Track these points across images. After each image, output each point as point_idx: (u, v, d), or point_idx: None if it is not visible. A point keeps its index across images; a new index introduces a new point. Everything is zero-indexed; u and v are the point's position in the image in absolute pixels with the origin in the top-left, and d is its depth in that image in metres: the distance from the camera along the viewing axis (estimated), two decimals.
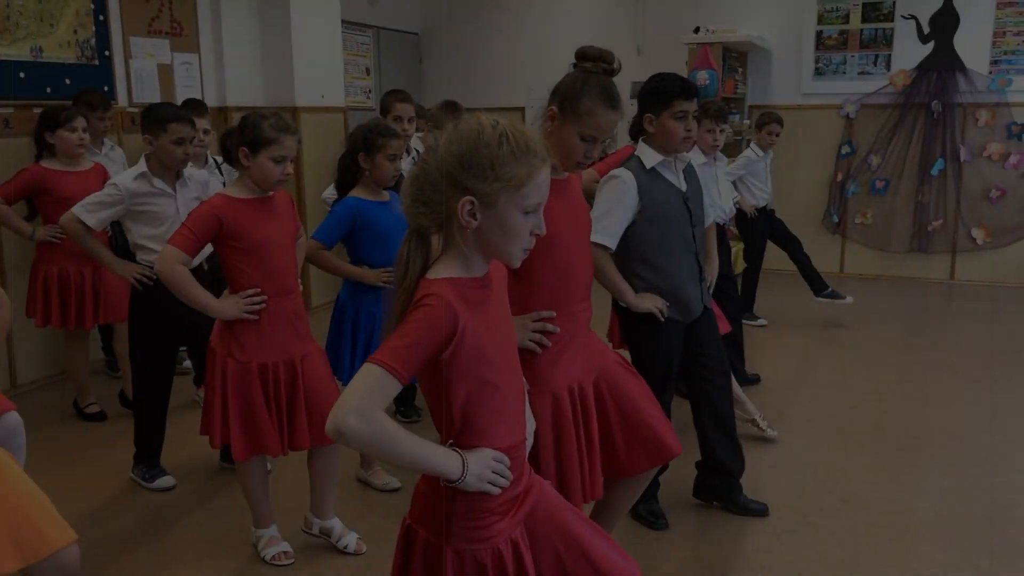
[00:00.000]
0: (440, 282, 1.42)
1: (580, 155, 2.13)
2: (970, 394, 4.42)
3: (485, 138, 1.41)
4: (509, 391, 1.52)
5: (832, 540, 2.94)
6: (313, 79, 6.20)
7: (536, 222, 1.47)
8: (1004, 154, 6.93)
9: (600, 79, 2.12)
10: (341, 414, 1.33)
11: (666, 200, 2.76)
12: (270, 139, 2.57)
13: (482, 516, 1.49)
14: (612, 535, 2.40)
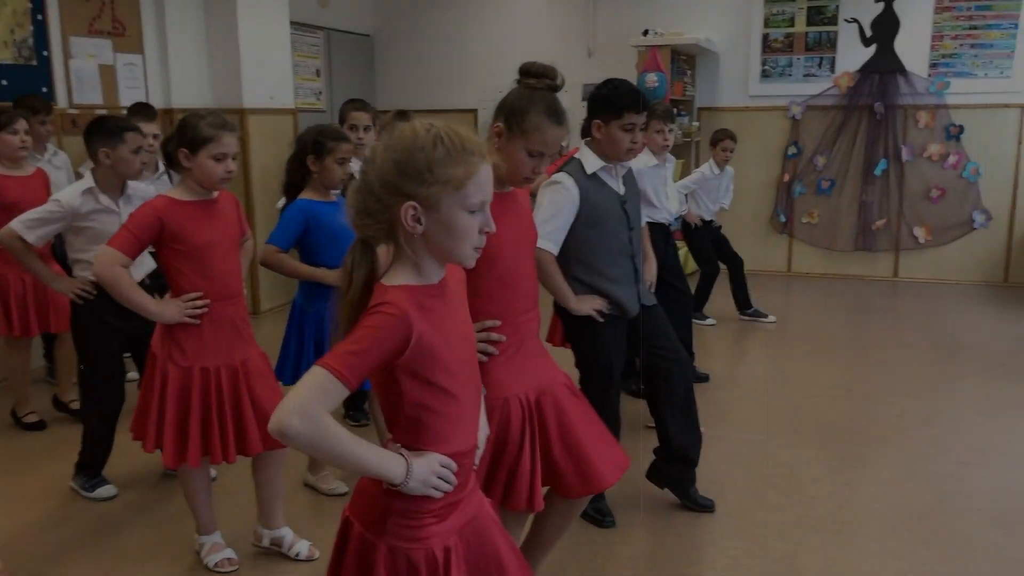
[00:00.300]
0: (395, 289, 1.42)
1: (528, 171, 2.14)
2: (913, 389, 4.53)
3: (420, 142, 1.41)
4: (464, 397, 1.52)
5: (776, 534, 2.99)
6: (261, 81, 6.13)
7: (484, 220, 1.47)
8: (943, 154, 7.12)
9: (545, 95, 2.14)
10: (285, 414, 1.32)
11: (605, 205, 2.80)
12: (208, 137, 2.53)
13: (420, 516, 1.48)
14: (547, 555, 2.42)
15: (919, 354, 5.17)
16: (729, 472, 3.51)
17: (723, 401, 4.36)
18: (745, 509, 3.18)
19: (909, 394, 4.44)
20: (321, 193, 3.12)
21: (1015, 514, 3.11)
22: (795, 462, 3.60)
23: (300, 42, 7.54)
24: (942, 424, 4.01)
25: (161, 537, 3.03)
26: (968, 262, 7.24)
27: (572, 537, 2.98)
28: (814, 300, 6.72)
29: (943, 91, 7.01)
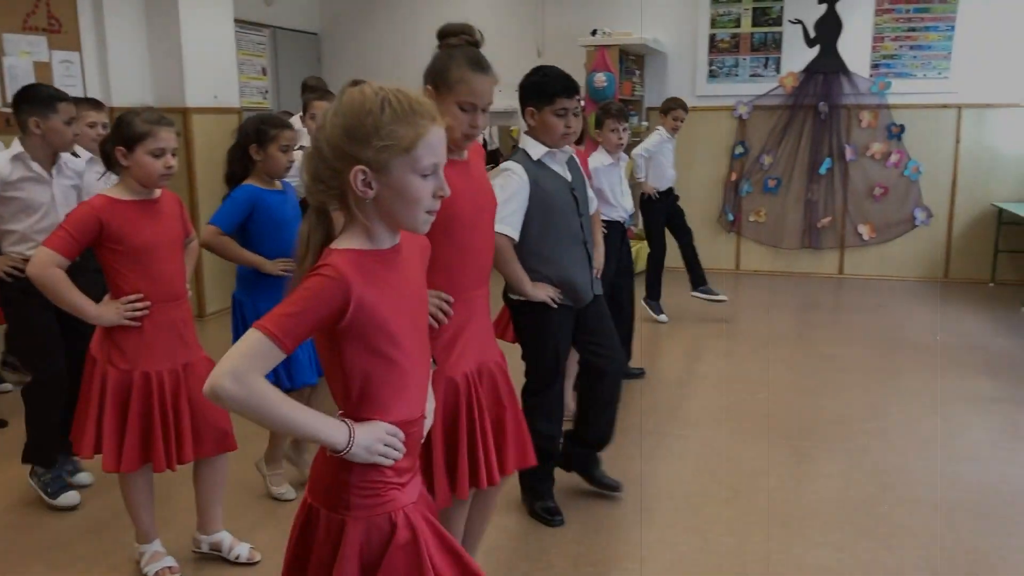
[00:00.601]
0: (339, 252, 1.41)
1: (465, 125, 2.14)
2: (857, 383, 4.60)
3: (367, 106, 1.40)
4: (412, 366, 1.51)
5: (722, 529, 3.01)
6: (205, 79, 6.01)
7: (437, 184, 1.45)
8: (886, 153, 7.27)
9: (464, 49, 2.15)
10: (218, 377, 1.31)
11: (554, 191, 2.83)
12: (144, 133, 2.47)
13: (378, 485, 1.47)
14: (482, 540, 2.40)
15: (864, 349, 5.27)
16: (677, 467, 3.53)
17: (672, 397, 4.39)
18: (692, 504, 3.20)
19: (854, 388, 4.52)
20: (265, 182, 3.09)
21: (954, 504, 3.18)
22: (742, 457, 3.64)
23: (245, 40, 7.43)
24: (885, 418, 4.09)
25: (102, 546, 2.94)
26: (910, 259, 7.41)
27: (518, 535, 2.98)
28: (762, 297, 6.81)
29: (884, 91, 7.17)
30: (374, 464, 1.46)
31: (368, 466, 1.46)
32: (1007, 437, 3.84)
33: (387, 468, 1.47)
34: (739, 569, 2.75)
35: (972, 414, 4.12)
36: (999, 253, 7.08)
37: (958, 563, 2.77)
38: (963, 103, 7.05)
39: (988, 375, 4.71)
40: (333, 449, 1.43)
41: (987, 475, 3.43)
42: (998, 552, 2.84)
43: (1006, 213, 6.76)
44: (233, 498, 3.15)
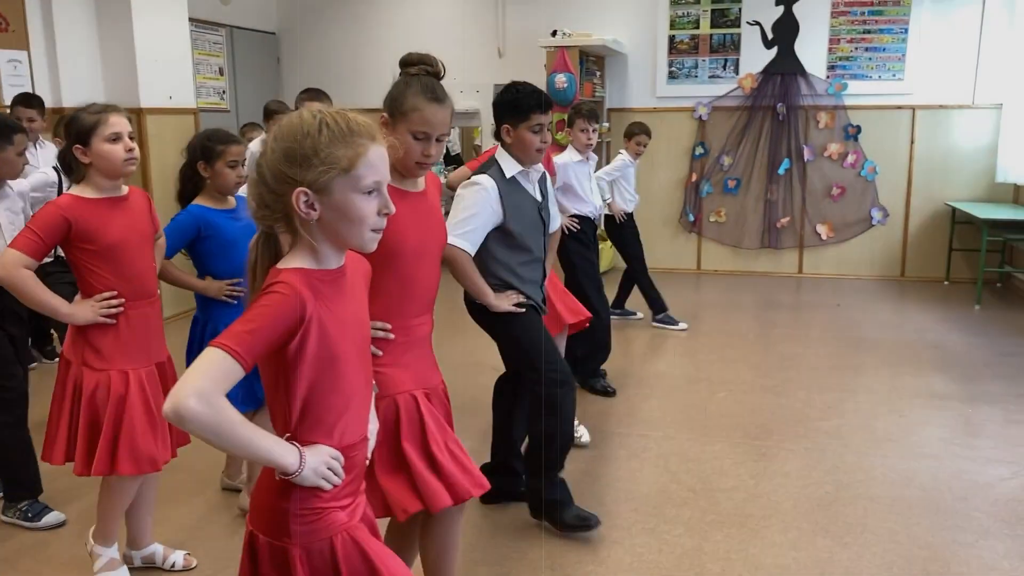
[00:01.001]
0: (287, 271, 1.43)
1: (418, 155, 2.12)
2: (815, 382, 4.65)
3: (305, 128, 1.42)
4: (355, 389, 1.52)
5: (681, 529, 3.02)
6: (159, 79, 5.91)
7: (382, 201, 1.47)
8: (843, 153, 7.37)
9: (421, 79, 2.14)
10: (181, 396, 1.29)
11: (524, 210, 2.86)
12: (95, 122, 2.44)
13: (318, 512, 1.48)
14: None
15: (822, 348, 5.32)
16: (637, 469, 3.53)
17: (633, 398, 4.40)
18: (652, 505, 3.20)
19: (812, 387, 4.56)
20: (216, 200, 3.00)
21: (908, 500, 3.22)
22: (701, 457, 3.65)
23: (201, 40, 7.32)
24: (843, 416, 4.13)
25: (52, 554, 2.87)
26: (868, 258, 7.51)
27: (476, 541, 2.96)
28: (723, 297, 6.86)
29: (841, 92, 7.26)
30: (315, 490, 1.46)
31: (307, 492, 1.46)
32: (959, 434, 3.89)
33: (326, 493, 1.48)
34: (697, 569, 2.75)
35: (927, 411, 4.18)
36: (953, 252, 7.21)
37: (912, 559, 2.80)
38: (917, 104, 7.17)
39: (943, 372, 4.78)
40: (284, 471, 1.43)
41: (941, 471, 3.47)
42: (950, 547, 2.87)
43: (959, 212, 6.88)
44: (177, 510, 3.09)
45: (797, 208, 7.53)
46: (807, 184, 7.48)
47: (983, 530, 2.98)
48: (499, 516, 3.14)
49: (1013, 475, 3.43)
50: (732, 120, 7.54)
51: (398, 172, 2.11)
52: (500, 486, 3.20)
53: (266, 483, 1.50)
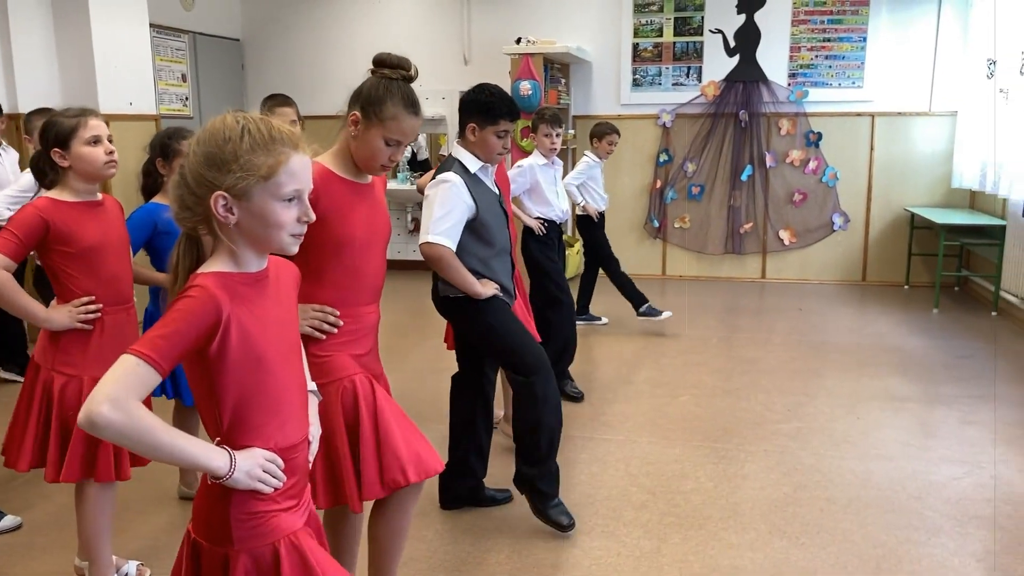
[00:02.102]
0: (204, 275, 1.43)
1: (385, 159, 2.17)
2: (777, 385, 4.69)
3: (227, 133, 1.43)
4: (284, 391, 1.51)
5: (640, 531, 3.03)
6: (119, 85, 5.84)
7: (302, 209, 1.48)
8: (804, 160, 7.46)
9: (401, 85, 2.18)
10: (94, 404, 1.28)
11: (487, 203, 2.91)
12: (74, 126, 2.42)
13: (259, 516, 1.47)
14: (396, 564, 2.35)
15: (784, 351, 5.38)
16: (597, 472, 3.54)
17: (595, 402, 4.42)
18: (611, 508, 3.21)
19: (773, 390, 4.61)
20: None
21: (864, 500, 3.26)
22: (662, 460, 3.67)
23: (164, 46, 7.26)
24: (803, 418, 4.17)
25: None
26: (829, 263, 7.61)
27: (436, 545, 2.95)
28: (687, 302, 6.90)
29: (802, 100, 7.35)
30: (254, 494, 1.45)
31: (248, 496, 1.45)
32: (916, 435, 3.95)
33: (267, 496, 1.47)
34: (655, 572, 2.77)
35: (885, 413, 4.24)
36: (912, 256, 7.32)
37: (866, 557, 2.84)
38: (876, 111, 7.29)
39: (901, 375, 4.85)
40: (215, 475, 1.42)
41: (896, 472, 3.52)
42: (904, 546, 2.91)
43: (918, 218, 6.99)
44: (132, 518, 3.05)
45: (760, 214, 7.62)
46: (769, 190, 7.57)
47: (935, 528, 3.03)
48: (458, 520, 3.13)
49: (966, 474, 3.49)
50: (695, 127, 7.61)
51: (354, 167, 2.18)
52: (459, 489, 3.21)
53: (204, 489, 1.49)
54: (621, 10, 7.62)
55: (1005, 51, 6.10)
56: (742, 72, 7.44)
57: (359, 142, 2.16)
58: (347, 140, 2.18)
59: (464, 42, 7.95)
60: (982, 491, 3.33)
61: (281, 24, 8.36)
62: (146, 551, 2.90)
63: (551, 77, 7.20)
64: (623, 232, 7.78)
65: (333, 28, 8.24)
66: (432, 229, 2.73)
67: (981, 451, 3.73)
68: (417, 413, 2.34)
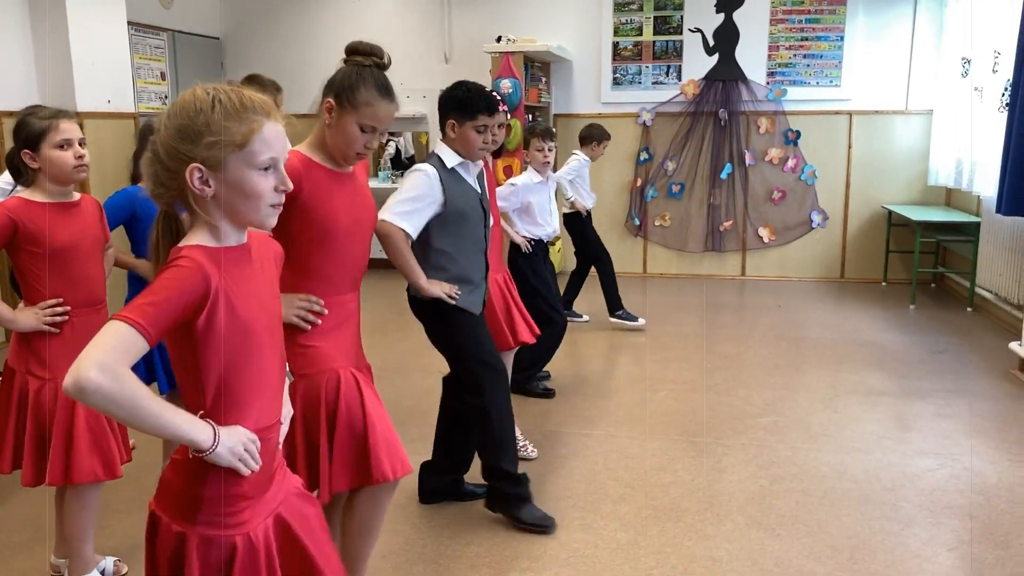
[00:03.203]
0: (190, 247, 1.41)
1: (360, 146, 2.18)
2: (755, 380, 4.73)
3: (199, 104, 1.41)
4: (268, 367, 1.51)
5: (618, 525, 3.05)
6: (97, 83, 5.81)
7: (279, 178, 1.47)
8: (783, 158, 7.52)
9: (374, 72, 2.20)
10: (82, 368, 1.26)
11: (465, 200, 2.89)
12: (44, 128, 2.40)
13: (232, 501, 1.46)
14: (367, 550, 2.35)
15: (764, 347, 5.42)
16: (576, 466, 3.56)
17: (575, 397, 4.43)
18: (590, 502, 3.23)
19: (752, 385, 4.64)
20: None
21: (840, 492, 3.29)
22: (640, 454, 3.69)
23: (142, 44, 7.22)
24: (780, 412, 4.21)
25: None
26: (808, 260, 7.67)
27: (412, 538, 2.96)
28: (668, 299, 6.94)
29: (780, 98, 7.41)
30: (230, 477, 1.44)
31: (224, 478, 1.44)
32: (892, 428, 3.99)
33: (243, 480, 1.46)
34: (632, 564, 2.79)
35: (861, 407, 4.28)
36: (890, 254, 7.39)
37: (840, 548, 2.87)
38: (854, 110, 7.35)
39: (878, 370, 4.90)
40: (197, 449, 1.39)
41: (871, 464, 3.56)
42: (877, 536, 2.95)
43: (895, 215, 7.06)
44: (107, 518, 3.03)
45: (739, 212, 7.67)
46: (749, 188, 7.62)
47: (909, 519, 3.07)
48: (437, 515, 3.14)
49: (939, 466, 3.53)
50: (675, 126, 7.65)
51: (331, 157, 2.20)
52: (440, 485, 3.22)
53: (181, 467, 1.46)
54: (601, 9, 7.65)
55: (979, 50, 6.18)
56: (721, 71, 7.48)
57: (334, 130, 2.17)
58: (322, 129, 2.20)
59: (444, 40, 7.96)
60: (955, 482, 3.38)
61: (261, 23, 8.34)
62: (125, 549, 2.89)
63: (532, 76, 7.23)
64: (604, 230, 7.75)
65: (313, 26, 8.23)
66: (394, 208, 2.71)
67: (955, 443, 3.78)
68: (396, 412, 2.36)
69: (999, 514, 3.11)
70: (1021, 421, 4.05)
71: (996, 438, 3.84)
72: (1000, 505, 3.18)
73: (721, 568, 2.76)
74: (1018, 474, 3.45)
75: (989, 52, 5.98)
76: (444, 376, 3.22)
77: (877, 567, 2.75)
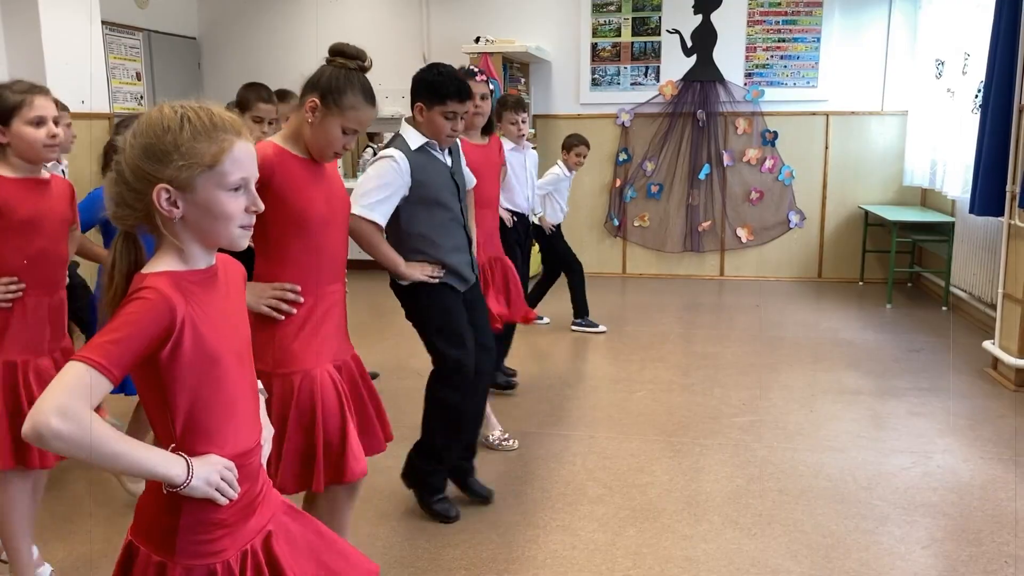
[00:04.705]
0: (154, 275, 1.36)
1: (339, 146, 2.22)
2: (733, 380, 4.75)
3: (166, 123, 1.37)
4: (238, 392, 1.46)
5: (595, 525, 3.05)
6: (70, 83, 5.73)
7: (250, 199, 1.43)
8: (761, 159, 7.56)
9: (360, 76, 2.23)
10: (41, 415, 1.21)
11: (436, 178, 2.87)
12: (18, 103, 2.33)
13: (210, 530, 1.42)
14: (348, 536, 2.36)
15: (741, 347, 5.45)
16: (554, 467, 3.56)
17: (554, 398, 4.44)
18: (567, 503, 3.23)
19: (729, 385, 4.66)
20: None
21: (815, 491, 3.31)
22: (618, 455, 3.70)
23: (117, 44, 7.16)
24: (757, 412, 4.23)
25: None
26: (786, 260, 7.72)
27: (390, 541, 2.95)
28: (647, 300, 6.97)
29: (758, 99, 7.45)
30: (207, 504, 1.40)
31: (200, 508, 1.40)
32: (868, 427, 4.03)
33: (222, 508, 1.42)
34: (609, 564, 2.79)
35: (837, 406, 4.31)
36: (867, 253, 7.45)
37: (816, 546, 2.89)
38: (831, 111, 7.41)
39: (854, 369, 4.94)
40: (171, 484, 1.35)
41: (847, 463, 3.59)
42: (852, 534, 2.97)
43: (871, 215, 7.12)
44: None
45: (718, 212, 7.70)
46: (727, 189, 7.66)
47: (883, 517, 3.09)
48: (413, 517, 3.13)
49: (913, 464, 3.57)
50: (654, 126, 7.67)
51: (306, 149, 2.22)
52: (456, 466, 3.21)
53: (154, 495, 1.43)
54: (579, 10, 7.66)
55: (952, 52, 6.24)
56: (699, 72, 7.52)
57: (316, 129, 2.18)
58: (300, 125, 2.21)
59: (423, 41, 7.94)
60: (929, 480, 3.41)
61: (239, 22, 8.29)
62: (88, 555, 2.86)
63: (510, 76, 7.23)
64: (583, 231, 7.82)
65: (291, 26, 8.18)
66: (361, 201, 2.69)
67: (929, 442, 3.82)
68: None
69: (972, 512, 3.14)
70: (994, 419, 4.10)
71: (970, 436, 3.88)
72: (973, 503, 3.21)
73: (698, 568, 2.76)
74: (991, 472, 3.49)
75: (961, 54, 6.04)
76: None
77: (852, 565, 2.77)
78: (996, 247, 5.37)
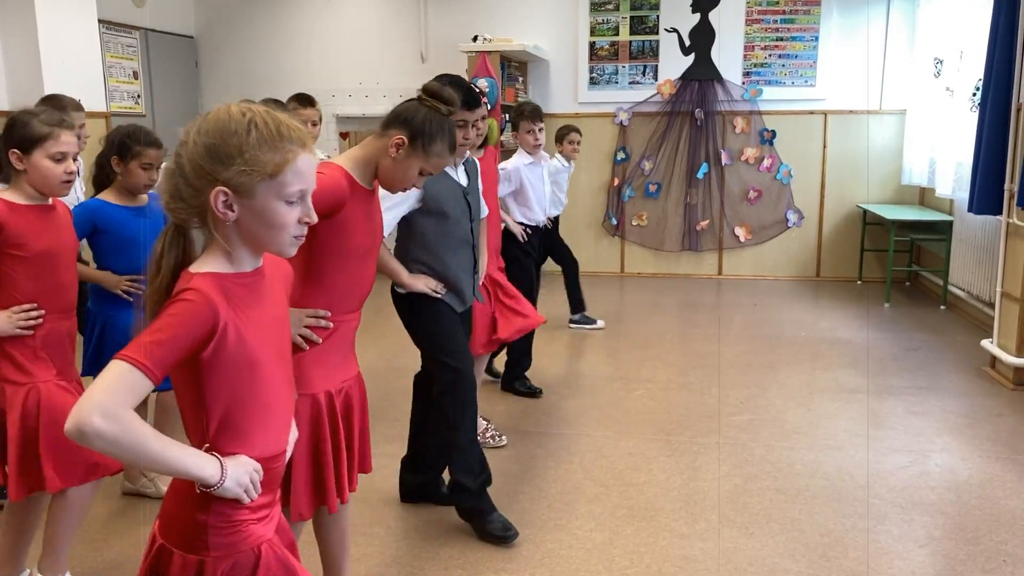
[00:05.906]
0: (201, 276, 1.35)
1: (410, 184, 2.26)
2: (731, 379, 4.75)
3: (233, 126, 1.35)
4: (274, 396, 1.46)
5: (592, 524, 3.05)
6: (67, 82, 5.71)
7: (304, 210, 1.42)
8: (759, 157, 7.55)
9: (450, 124, 2.26)
10: (84, 413, 1.21)
11: (448, 195, 2.86)
12: (43, 135, 2.33)
13: (237, 524, 1.43)
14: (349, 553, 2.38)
15: (740, 346, 5.44)
16: (552, 467, 3.56)
17: (552, 397, 4.43)
18: (565, 502, 3.23)
19: (727, 384, 4.66)
20: (123, 196, 2.97)
21: (813, 490, 3.31)
22: (615, 454, 3.69)
23: (114, 42, 7.15)
24: (755, 411, 4.22)
25: None
26: (784, 259, 7.71)
27: (387, 541, 2.94)
28: (645, 299, 6.96)
29: (756, 98, 7.44)
30: (233, 503, 1.41)
31: (225, 505, 1.40)
32: (865, 425, 4.02)
33: (245, 506, 1.42)
34: (606, 563, 2.78)
35: (835, 405, 4.31)
36: (865, 252, 7.45)
37: (813, 545, 2.88)
38: (828, 109, 7.40)
39: (852, 367, 4.93)
40: (204, 484, 1.36)
41: (844, 462, 3.58)
42: (850, 533, 2.96)
43: (869, 214, 7.12)
44: None
45: (716, 211, 7.70)
46: (725, 188, 7.65)
47: (880, 516, 3.09)
48: (411, 516, 3.13)
49: (911, 463, 3.56)
50: (652, 125, 7.67)
51: (371, 177, 2.21)
52: (417, 484, 3.19)
53: (181, 495, 1.42)
54: (577, 9, 7.65)
55: (950, 50, 6.23)
56: (697, 71, 7.51)
57: (397, 164, 2.20)
58: (377, 154, 2.21)
59: (421, 40, 7.93)
60: (926, 479, 3.40)
61: (236, 21, 8.27)
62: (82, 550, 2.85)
63: (508, 75, 7.22)
64: (582, 230, 7.81)
65: (288, 25, 8.17)
66: None
67: (926, 440, 3.81)
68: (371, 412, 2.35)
69: (970, 510, 3.13)
70: (992, 418, 4.09)
71: (967, 435, 3.88)
72: (971, 501, 3.21)
73: (695, 567, 2.76)
74: (989, 470, 3.48)
75: (958, 52, 6.04)
76: (417, 373, 3.20)
77: (849, 564, 2.76)
78: (994, 246, 5.37)
